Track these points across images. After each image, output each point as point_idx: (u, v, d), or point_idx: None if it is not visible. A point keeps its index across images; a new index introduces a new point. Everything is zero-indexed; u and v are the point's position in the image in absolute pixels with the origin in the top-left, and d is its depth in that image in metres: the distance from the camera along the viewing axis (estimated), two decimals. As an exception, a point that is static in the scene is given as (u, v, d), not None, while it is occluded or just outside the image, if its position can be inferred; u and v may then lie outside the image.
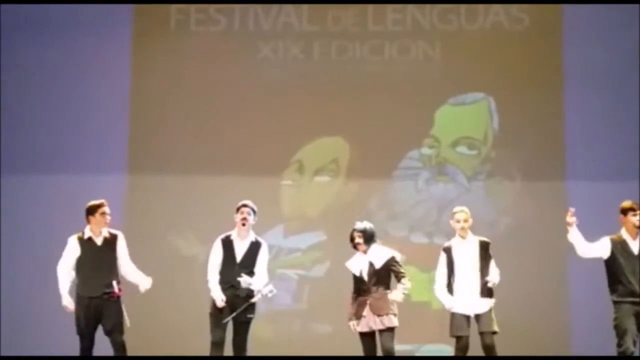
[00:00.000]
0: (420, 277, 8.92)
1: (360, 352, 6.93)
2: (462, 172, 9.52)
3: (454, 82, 9.57)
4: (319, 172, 9.64)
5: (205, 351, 7.12)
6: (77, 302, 6.97)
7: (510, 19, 9.69)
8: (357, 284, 6.97)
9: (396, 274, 6.92)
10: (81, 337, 6.96)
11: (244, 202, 7.23)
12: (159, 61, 9.66)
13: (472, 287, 6.97)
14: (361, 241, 6.94)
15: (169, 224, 9.39)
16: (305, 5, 9.75)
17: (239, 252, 7.12)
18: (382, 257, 6.92)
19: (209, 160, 9.49)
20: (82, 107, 9.58)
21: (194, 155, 9.51)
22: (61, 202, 9.28)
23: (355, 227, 7.01)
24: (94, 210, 7.06)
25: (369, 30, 9.76)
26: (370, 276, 6.89)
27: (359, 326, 6.87)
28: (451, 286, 7.05)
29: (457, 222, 7.09)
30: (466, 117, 9.61)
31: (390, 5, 9.71)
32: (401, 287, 6.83)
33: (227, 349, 7.09)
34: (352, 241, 7.00)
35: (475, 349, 7.00)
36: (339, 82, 9.64)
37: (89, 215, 7.08)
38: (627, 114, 9.38)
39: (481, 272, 6.98)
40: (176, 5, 9.76)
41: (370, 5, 9.72)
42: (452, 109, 9.60)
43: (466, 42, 9.64)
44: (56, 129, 9.53)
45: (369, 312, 6.82)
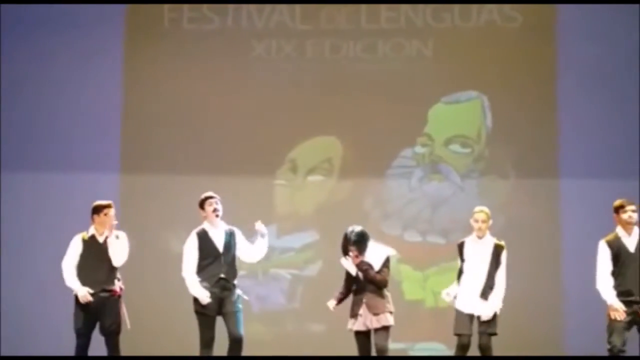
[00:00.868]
0: (413, 276, 8.94)
1: (354, 351, 6.90)
2: (456, 171, 9.52)
3: (448, 80, 9.57)
4: (312, 171, 9.63)
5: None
6: (76, 300, 6.93)
7: (503, 17, 9.69)
8: (351, 282, 6.92)
9: (378, 271, 6.83)
10: (78, 335, 6.93)
11: (209, 194, 7.19)
12: (152, 60, 9.64)
13: (477, 288, 6.96)
14: (356, 254, 6.80)
15: (162, 223, 9.37)
16: (298, 3, 9.75)
17: (219, 242, 7.07)
18: (379, 258, 6.86)
19: (202, 159, 9.47)
20: (74, 106, 9.55)
21: (186, 154, 9.49)
22: (54, 201, 9.27)
23: (348, 238, 6.82)
24: (99, 210, 7.05)
25: (363, 28, 9.75)
26: (363, 277, 6.82)
27: (355, 325, 6.82)
28: (459, 283, 7.04)
29: (475, 221, 7.06)
30: (459, 116, 9.61)
31: (383, 3, 9.71)
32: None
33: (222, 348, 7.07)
34: (345, 252, 6.86)
35: (473, 348, 7.02)
36: (332, 80, 9.63)
37: (93, 214, 7.07)
38: (620, 112, 9.39)
39: (488, 274, 6.98)
40: (169, 4, 9.75)
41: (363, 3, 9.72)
42: (445, 108, 9.60)
43: (460, 41, 9.64)
44: (48, 127, 9.51)
45: (365, 311, 6.78)
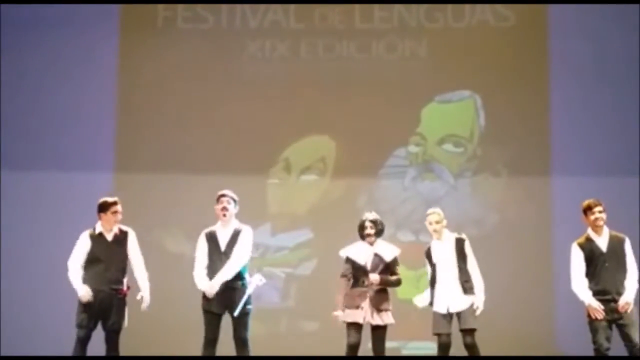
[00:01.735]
0: (406, 275, 8.91)
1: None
2: (449, 170, 9.55)
3: (441, 79, 9.60)
4: (306, 170, 9.65)
5: (195, 348, 7.10)
6: None
7: (496, 16, 9.73)
8: (356, 273, 6.89)
9: (392, 273, 6.94)
10: (79, 328, 6.89)
11: (222, 192, 7.20)
12: (146, 59, 9.64)
13: (450, 285, 6.97)
14: (372, 232, 6.90)
15: (156, 221, 9.37)
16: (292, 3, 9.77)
17: (223, 241, 7.08)
18: (391, 252, 6.95)
19: (196, 158, 9.48)
20: (69, 105, 9.55)
21: (180, 153, 9.50)
22: (49, 200, 9.27)
23: (366, 217, 6.95)
24: (106, 208, 7.05)
25: (356, 28, 9.78)
26: (374, 268, 6.87)
27: (352, 316, 6.78)
28: (433, 286, 7.07)
29: (430, 224, 7.10)
30: (452, 115, 9.64)
31: (377, 3, 9.74)
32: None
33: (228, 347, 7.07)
34: (361, 230, 6.94)
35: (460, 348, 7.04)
36: (326, 80, 9.65)
37: (100, 212, 7.06)
38: (612, 110, 9.43)
39: (458, 269, 6.98)
40: (163, 4, 9.76)
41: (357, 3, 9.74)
42: (438, 107, 9.63)
43: (453, 40, 9.68)
44: (42, 126, 9.51)
45: (368, 305, 6.80)
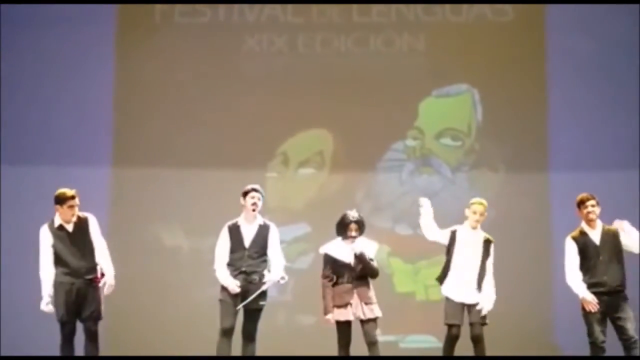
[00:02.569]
0: (404, 268, 8.98)
1: (344, 343, 6.91)
2: (446, 164, 9.55)
3: (438, 73, 9.60)
4: (304, 164, 9.66)
5: (192, 343, 7.11)
6: (56, 290, 6.80)
7: (494, 11, 9.72)
8: (340, 270, 6.88)
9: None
10: (62, 324, 6.82)
11: (253, 187, 7.12)
12: (143, 53, 9.63)
13: (470, 278, 6.99)
14: (357, 234, 6.89)
15: (153, 216, 9.38)
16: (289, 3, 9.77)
17: (247, 237, 7.02)
18: (372, 248, 6.95)
19: (193, 152, 9.47)
20: (66, 99, 9.54)
21: (178, 147, 9.49)
22: (45, 196, 9.23)
23: (352, 218, 6.92)
24: (63, 201, 6.88)
25: (354, 22, 9.77)
26: (356, 264, 6.86)
27: (343, 315, 6.78)
28: (449, 269, 7.05)
29: (474, 213, 7.04)
30: (450, 109, 9.64)
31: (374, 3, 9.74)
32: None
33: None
34: (344, 229, 6.92)
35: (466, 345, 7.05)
36: (323, 74, 9.65)
37: (57, 204, 6.90)
38: (610, 105, 9.44)
39: (481, 266, 7.01)
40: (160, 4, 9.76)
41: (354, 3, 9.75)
42: (436, 101, 9.63)
43: (450, 34, 9.67)
44: (40, 122, 9.49)
45: (356, 300, 6.80)
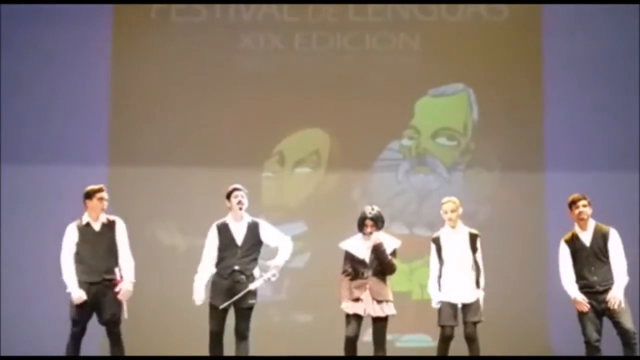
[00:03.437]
0: (400, 268, 8.91)
1: (340, 342, 6.86)
2: (442, 163, 9.57)
3: (434, 73, 9.62)
4: (300, 163, 9.66)
5: (188, 341, 7.11)
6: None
7: (490, 10, 9.74)
8: (355, 266, 6.87)
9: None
10: (74, 323, 6.79)
11: (234, 186, 7.12)
12: (139, 52, 9.62)
13: (463, 278, 7.03)
14: (372, 229, 6.86)
15: (149, 214, 9.38)
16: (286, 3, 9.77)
17: (238, 235, 7.00)
18: (390, 245, 6.93)
19: (189, 151, 9.47)
20: (62, 98, 9.53)
21: (174, 146, 9.49)
22: (42, 195, 9.26)
23: (367, 214, 6.90)
24: (92, 194, 6.93)
25: (350, 21, 9.78)
26: (372, 260, 6.86)
27: (352, 308, 6.75)
28: (441, 275, 7.10)
29: (445, 212, 7.14)
30: (446, 109, 9.66)
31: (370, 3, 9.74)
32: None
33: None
34: (361, 225, 6.91)
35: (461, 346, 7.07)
36: (319, 73, 9.66)
37: (86, 199, 6.95)
38: (606, 104, 9.45)
39: (474, 262, 7.06)
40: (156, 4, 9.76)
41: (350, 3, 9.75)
42: (432, 100, 9.64)
43: (446, 34, 9.68)
44: (36, 120, 9.48)
45: (367, 296, 6.78)
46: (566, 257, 6.93)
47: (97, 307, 6.83)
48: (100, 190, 6.96)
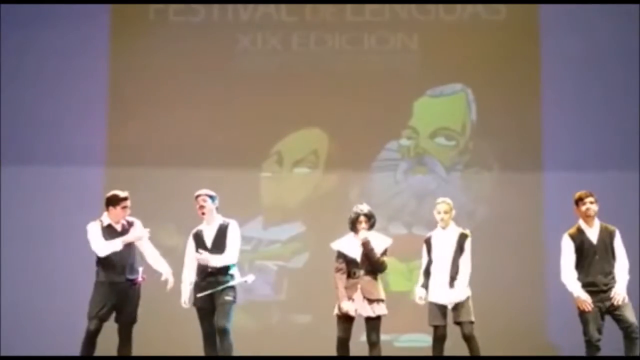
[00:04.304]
0: (398, 267, 8.99)
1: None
2: (440, 163, 9.57)
3: (433, 73, 9.62)
4: (298, 163, 9.66)
5: (185, 342, 7.10)
6: (96, 288, 6.88)
7: (487, 10, 9.74)
8: (348, 266, 6.86)
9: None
10: (92, 319, 6.83)
11: (197, 193, 7.18)
12: (137, 52, 9.62)
13: (448, 277, 7.04)
14: (366, 227, 6.86)
15: (148, 215, 9.33)
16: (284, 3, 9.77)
17: (208, 238, 7.08)
18: (381, 244, 6.92)
19: (187, 151, 9.47)
20: (59, 98, 9.52)
21: (172, 146, 9.49)
22: (40, 195, 9.24)
23: (360, 211, 6.91)
24: (116, 203, 7.02)
25: (348, 21, 9.78)
26: (364, 260, 6.85)
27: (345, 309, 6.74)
28: (429, 275, 7.14)
29: (438, 213, 7.18)
30: (444, 109, 9.66)
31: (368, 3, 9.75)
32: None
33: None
34: (354, 223, 6.90)
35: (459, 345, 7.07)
36: (317, 73, 9.66)
37: (109, 205, 7.02)
38: (604, 104, 9.46)
39: (453, 262, 7.05)
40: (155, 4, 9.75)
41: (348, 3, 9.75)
42: (430, 100, 9.65)
43: (444, 34, 9.69)
44: (33, 121, 9.48)
45: (359, 296, 6.78)
46: (570, 251, 6.85)
47: (119, 305, 6.91)
48: (125, 199, 7.06)
